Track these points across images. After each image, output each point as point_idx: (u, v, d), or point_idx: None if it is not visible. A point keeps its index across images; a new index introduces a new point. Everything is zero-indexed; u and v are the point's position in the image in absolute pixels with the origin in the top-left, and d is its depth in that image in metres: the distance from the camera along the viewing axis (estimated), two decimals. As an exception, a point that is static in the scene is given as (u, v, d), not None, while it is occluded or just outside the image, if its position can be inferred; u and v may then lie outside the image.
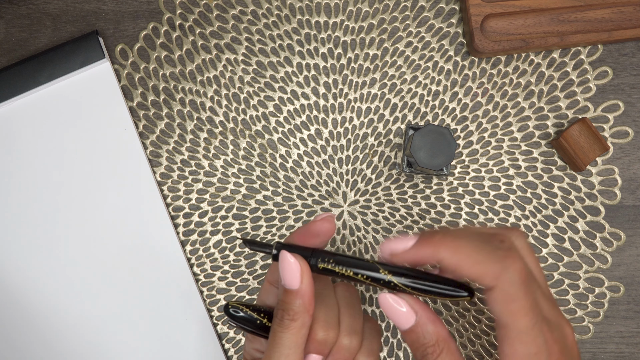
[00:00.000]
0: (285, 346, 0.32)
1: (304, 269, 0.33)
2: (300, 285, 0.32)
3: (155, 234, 0.47)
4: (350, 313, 0.35)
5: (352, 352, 0.34)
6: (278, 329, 0.32)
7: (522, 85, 0.48)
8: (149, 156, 0.48)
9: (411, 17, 0.48)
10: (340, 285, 0.36)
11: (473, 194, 0.48)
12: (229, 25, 0.48)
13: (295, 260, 0.33)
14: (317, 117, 0.48)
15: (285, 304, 0.33)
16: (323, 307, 0.34)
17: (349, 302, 0.35)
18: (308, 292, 0.32)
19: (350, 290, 0.36)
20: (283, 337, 0.32)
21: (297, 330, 0.32)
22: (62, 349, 0.47)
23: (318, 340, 0.33)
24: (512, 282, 0.30)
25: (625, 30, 0.46)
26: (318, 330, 0.33)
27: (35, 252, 0.47)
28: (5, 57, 0.48)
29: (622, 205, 0.47)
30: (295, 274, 0.32)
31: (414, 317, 0.32)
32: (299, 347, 0.32)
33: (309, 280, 0.33)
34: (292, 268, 0.33)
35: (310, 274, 0.33)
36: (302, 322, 0.32)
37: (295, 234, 0.35)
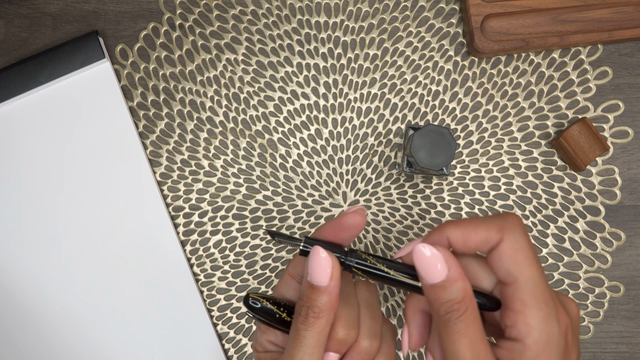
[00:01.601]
0: (309, 345, 0.31)
1: (335, 266, 0.32)
2: (330, 282, 0.32)
3: (155, 234, 0.47)
4: (371, 315, 0.34)
5: (371, 355, 0.34)
6: (302, 327, 0.32)
7: (522, 85, 0.48)
8: (149, 156, 0.48)
9: (411, 17, 0.48)
10: (361, 284, 0.36)
11: (473, 194, 0.48)
12: (229, 25, 0.48)
13: (327, 256, 0.32)
14: (317, 117, 0.48)
15: (310, 301, 0.32)
16: (345, 306, 0.33)
17: (370, 303, 0.35)
18: (336, 290, 0.32)
19: (371, 290, 0.36)
20: (307, 335, 0.31)
21: (322, 328, 0.32)
22: (62, 349, 0.47)
23: (338, 339, 0.33)
24: (516, 234, 0.30)
25: (625, 30, 0.46)
26: (339, 329, 0.32)
27: (35, 252, 0.47)
28: (5, 57, 0.48)
29: (622, 205, 0.47)
30: (326, 271, 0.31)
31: (446, 272, 0.30)
32: (321, 345, 0.32)
33: (337, 279, 0.32)
34: (323, 264, 0.31)
35: (339, 272, 0.32)
36: (327, 320, 0.32)
37: (325, 228, 0.34)
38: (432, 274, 0.30)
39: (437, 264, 0.30)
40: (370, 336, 0.33)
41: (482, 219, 0.31)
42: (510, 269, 0.30)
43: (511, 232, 0.30)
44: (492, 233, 0.30)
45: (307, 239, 0.33)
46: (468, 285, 0.30)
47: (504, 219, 0.31)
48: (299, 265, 0.35)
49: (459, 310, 0.30)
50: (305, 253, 0.33)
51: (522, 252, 0.30)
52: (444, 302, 0.30)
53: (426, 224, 0.48)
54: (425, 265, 0.30)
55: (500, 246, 0.30)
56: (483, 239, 0.30)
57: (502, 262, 0.30)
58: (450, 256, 0.30)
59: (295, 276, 0.36)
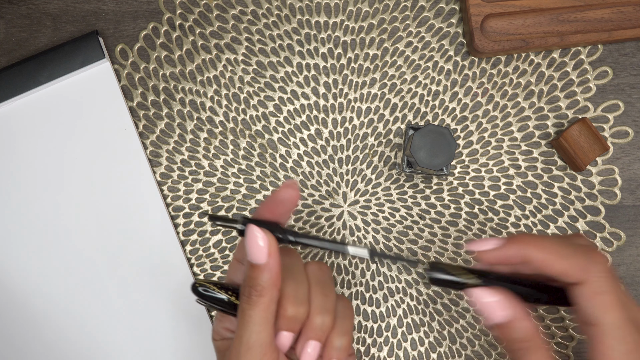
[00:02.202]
0: (254, 323, 0.31)
1: (271, 243, 0.32)
2: (268, 259, 0.32)
3: (155, 234, 0.47)
4: (322, 291, 0.34)
5: (325, 332, 0.33)
6: (246, 307, 0.32)
7: (522, 85, 0.48)
8: (149, 156, 0.48)
9: (411, 17, 0.48)
10: (311, 264, 0.36)
11: (473, 194, 0.48)
12: (229, 25, 0.48)
13: (262, 234, 0.32)
14: (317, 117, 0.48)
15: (251, 280, 0.32)
16: (292, 282, 0.33)
17: (320, 279, 0.35)
18: (275, 266, 0.32)
19: (322, 268, 0.35)
20: (252, 314, 0.31)
21: (266, 306, 0.32)
22: (62, 349, 0.47)
23: (288, 316, 0.32)
24: (600, 275, 0.30)
25: (625, 30, 0.46)
26: (287, 306, 0.32)
27: (35, 252, 0.47)
28: (5, 57, 0.48)
29: (622, 205, 0.47)
30: (262, 248, 0.32)
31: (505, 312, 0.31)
32: (268, 323, 0.32)
33: (276, 254, 0.32)
34: (259, 242, 0.32)
35: (277, 248, 0.32)
36: (270, 297, 0.32)
37: (261, 207, 0.34)
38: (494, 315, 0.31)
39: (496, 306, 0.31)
40: (322, 312, 0.33)
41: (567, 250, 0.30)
42: (593, 312, 0.30)
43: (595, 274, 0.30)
44: (576, 271, 0.30)
45: (243, 219, 0.33)
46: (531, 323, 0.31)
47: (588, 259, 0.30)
48: (243, 248, 0.35)
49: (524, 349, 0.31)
50: (243, 233, 0.33)
51: (607, 296, 0.29)
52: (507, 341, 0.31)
53: (426, 224, 0.48)
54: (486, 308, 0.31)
55: (582, 287, 0.30)
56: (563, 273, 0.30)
57: (584, 302, 0.30)
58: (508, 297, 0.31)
59: (242, 260, 0.36)
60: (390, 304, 0.48)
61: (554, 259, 0.30)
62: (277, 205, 0.34)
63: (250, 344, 0.31)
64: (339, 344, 0.34)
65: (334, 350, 0.34)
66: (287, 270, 0.34)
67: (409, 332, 0.47)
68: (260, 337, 0.31)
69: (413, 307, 0.48)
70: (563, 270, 0.30)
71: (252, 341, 0.31)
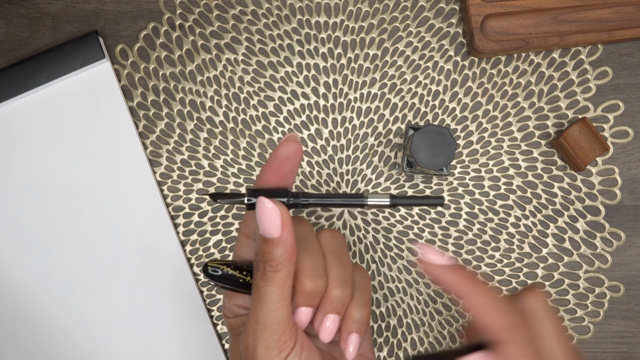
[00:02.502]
0: (271, 300, 0.29)
1: (284, 214, 0.30)
2: (282, 232, 0.30)
3: (155, 234, 0.47)
4: (338, 262, 0.32)
5: (345, 304, 0.32)
6: (261, 283, 0.30)
7: (522, 85, 0.48)
8: (149, 156, 0.48)
9: (411, 17, 0.48)
10: (324, 232, 0.34)
11: (473, 194, 0.48)
12: (229, 25, 0.48)
13: (273, 205, 0.30)
14: (317, 117, 0.48)
15: (265, 255, 0.30)
16: (308, 255, 0.31)
17: (336, 249, 0.33)
18: (290, 239, 0.30)
19: (336, 237, 0.33)
20: (268, 290, 0.29)
21: (282, 281, 0.30)
22: (62, 349, 0.47)
23: (306, 291, 0.31)
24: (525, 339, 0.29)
25: (625, 30, 0.46)
26: (305, 281, 0.30)
27: (35, 252, 0.47)
28: (5, 57, 0.48)
29: (622, 205, 0.47)
30: (275, 221, 0.29)
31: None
32: (286, 299, 0.30)
33: (289, 226, 0.30)
34: (271, 214, 0.29)
35: (290, 219, 0.30)
36: (286, 272, 0.30)
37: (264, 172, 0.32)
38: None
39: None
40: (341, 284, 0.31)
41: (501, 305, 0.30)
42: None
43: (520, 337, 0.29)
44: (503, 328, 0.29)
45: (250, 191, 0.31)
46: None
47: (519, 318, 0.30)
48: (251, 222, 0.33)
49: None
50: (252, 206, 0.31)
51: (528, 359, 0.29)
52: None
53: (426, 224, 0.48)
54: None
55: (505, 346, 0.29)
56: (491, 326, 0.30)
57: None
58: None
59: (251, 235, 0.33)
60: (390, 304, 0.48)
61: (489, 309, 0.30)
62: (280, 164, 0.31)
63: (268, 322, 0.29)
64: (359, 316, 0.32)
65: (354, 322, 0.32)
66: (300, 242, 0.32)
67: (409, 332, 0.47)
68: (278, 314, 0.29)
69: (413, 307, 0.48)
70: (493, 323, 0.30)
71: (269, 319, 0.29)
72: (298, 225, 0.33)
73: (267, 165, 0.31)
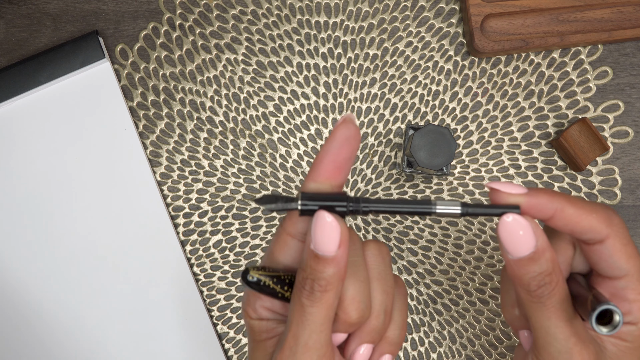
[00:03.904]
0: (316, 322, 0.27)
1: (344, 231, 0.27)
2: (337, 250, 0.27)
3: (155, 234, 0.47)
4: (383, 288, 0.30)
5: (382, 333, 0.30)
6: (307, 303, 0.27)
7: (522, 85, 0.48)
8: (149, 156, 0.48)
9: (411, 17, 0.48)
10: (371, 247, 0.31)
11: (473, 194, 0.48)
12: (229, 25, 0.48)
13: (333, 219, 0.27)
14: (317, 117, 0.48)
15: (315, 273, 0.27)
16: (356, 281, 0.29)
17: (381, 271, 0.30)
18: (344, 258, 0.27)
19: (383, 253, 0.31)
20: (314, 312, 0.27)
21: (330, 303, 0.27)
22: (62, 349, 0.47)
23: (351, 322, 0.28)
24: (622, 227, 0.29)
25: (625, 30, 0.46)
26: (352, 313, 0.28)
27: (35, 252, 0.47)
28: (5, 57, 0.48)
29: (622, 205, 0.47)
30: (334, 238, 0.27)
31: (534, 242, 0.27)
32: (330, 322, 0.28)
33: (346, 245, 0.27)
34: (329, 230, 0.27)
35: (348, 237, 0.27)
36: (335, 293, 0.27)
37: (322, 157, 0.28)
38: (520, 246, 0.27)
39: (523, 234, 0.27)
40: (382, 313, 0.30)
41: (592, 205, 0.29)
42: (621, 264, 0.29)
43: (618, 227, 0.29)
44: (603, 225, 0.29)
45: (304, 195, 0.28)
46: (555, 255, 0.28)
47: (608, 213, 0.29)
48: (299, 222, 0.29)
49: (552, 283, 0.28)
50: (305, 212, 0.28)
51: (631, 247, 0.29)
52: (535, 276, 0.27)
53: (426, 224, 0.48)
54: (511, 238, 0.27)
55: (608, 241, 0.29)
56: (592, 228, 0.29)
57: (613, 257, 0.29)
58: (536, 225, 0.28)
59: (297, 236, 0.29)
60: (390, 304, 0.48)
61: (584, 213, 0.29)
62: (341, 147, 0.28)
63: (310, 344, 0.27)
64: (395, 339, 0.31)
65: (388, 345, 0.31)
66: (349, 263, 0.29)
67: (409, 332, 0.47)
68: (321, 337, 0.27)
69: (413, 307, 0.48)
70: (591, 225, 0.29)
71: (311, 342, 0.27)
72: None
73: (325, 150, 0.28)
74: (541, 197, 0.28)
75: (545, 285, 0.27)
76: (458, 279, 0.47)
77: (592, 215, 0.29)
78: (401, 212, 0.28)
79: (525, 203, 0.28)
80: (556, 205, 0.28)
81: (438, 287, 0.47)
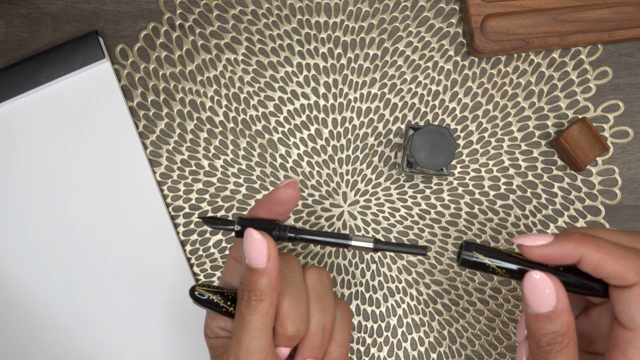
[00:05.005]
0: (254, 329, 0.31)
1: (271, 246, 0.31)
2: (268, 263, 0.31)
3: (155, 234, 0.47)
4: (321, 307, 0.34)
5: (323, 349, 0.33)
6: (246, 311, 0.31)
7: (522, 85, 0.48)
8: (149, 156, 0.48)
9: (411, 17, 0.48)
10: (311, 272, 0.35)
11: (473, 194, 0.48)
12: (229, 25, 0.48)
13: (261, 237, 0.31)
14: (317, 117, 0.48)
15: (251, 284, 0.31)
16: (293, 299, 0.33)
17: (320, 292, 0.34)
18: (275, 270, 0.31)
19: (322, 277, 0.35)
20: (252, 319, 0.31)
21: (266, 311, 0.31)
22: (62, 349, 0.47)
23: (288, 335, 0.32)
24: None
25: (625, 30, 0.46)
26: (288, 326, 0.32)
27: (35, 252, 0.47)
28: (5, 57, 0.48)
29: (622, 205, 0.47)
30: (262, 252, 0.31)
31: (554, 302, 0.29)
32: (268, 328, 0.31)
33: (275, 258, 0.31)
34: (258, 245, 0.31)
35: (276, 251, 0.31)
36: (270, 302, 0.31)
37: (258, 205, 0.33)
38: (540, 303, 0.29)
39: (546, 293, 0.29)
40: (321, 330, 0.33)
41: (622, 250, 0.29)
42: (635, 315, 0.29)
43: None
44: (631, 274, 0.29)
45: (240, 219, 0.32)
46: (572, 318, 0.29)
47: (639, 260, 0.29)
48: (240, 247, 0.35)
49: (562, 344, 0.29)
50: (241, 234, 0.32)
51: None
52: (547, 333, 0.29)
53: (426, 224, 0.48)
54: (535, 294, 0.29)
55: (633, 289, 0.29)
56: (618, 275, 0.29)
57: (630, 306, 0.29)
58: (560, 286, 0.29)
59: (239, 259, 0.35)
60: (390, 304, 0.48)
61: (610, 260, 0.29)
62: (275, 205, 0.33)
63: (250, 349, 0.31)
64: (337, 356, 0.34)
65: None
66: (286, 283, 0.33)
67: (409, 332, 0.47)
68: (260, 342, 0.31)
69: (413, 307, 0.48)
70: (617, 272, 0.29)
71: (252, 347, 0.31)
72: (286, 264, 0.34)
73: (262, 202, 0.33)
74: (566, 245, 0.29)
75: (555, 345, 0.29)
76: (458, 279, 0.47)
77: (620, 261, 0.29)
78: (322, 243, 0.33)
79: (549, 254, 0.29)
80: (582, 252, 0.29)
81: (438, 287, 0.47)
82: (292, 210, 0.33)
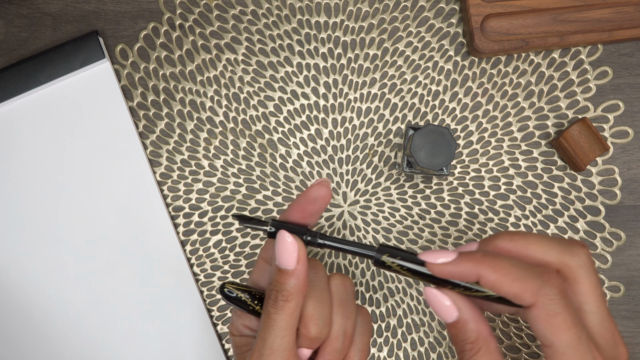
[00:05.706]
0: (280, 328, 0.32)
1: (301, 249, 0.33)
2: (297, 265, 0.32)
3: (155, 234, 0.47)
4: (344, 312, 0.35)
5: (343, 353, 0.34)
6: (272, 310, 0.32)
7: (522, 85, 0.48)
8: (149, 156, 0.48)
9: (411, 17, 0.48)
10: (335, 278, 0.36)
11: (473, 194, 0.48)
12: (229, 25, 0.48)
13: (293, 239, 0.33)
14: (317, 117, 0.48)
15: (279, 284, 0.32)
16: (317, 303, 0.34)
17: (343, 298, 0.35)
18: (303, 273, 0.32)
19: (345, 284, 0.36)
20: (277, 318, 0.32)
21: (292, 311, 0.32)
22: (61, 349, 0.47)
23: (310, 337, 0.33)
24: (551, 297, 0.29)
25: (625, 30, 0.46)
26: (311, 328, 0.33)
27: (35, 252, 0.47)
28: (5, 57, 0.48)
29: (622, 205, 0.47)
30: (292, 254, 0.32)
31: (456, 313, 0.31)
32: (292, 328, 0.32)
33: (304, 261, 0.33)
34: (289, 248, 0.32)
35: (306, 254, 0.33)
36: (296, 303, 0.32)
37: (292, 206, 0.34)
38: (444, 315, 0.32)
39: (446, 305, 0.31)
40: (342, 335, 0.34)
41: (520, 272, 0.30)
42: (545, 334, 0.29)
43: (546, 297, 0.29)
44: (526, 294, 0.29)
45: (273, 222, 0.34)
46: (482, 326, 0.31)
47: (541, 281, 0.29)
48: (270, 248, 0.36)
49: (472, 350, 0.31)
50: (273, 235, 0.34)
51: (558, 318, 0.29)
52: (458, 341, 0.31)
53: (426, 224, 0.48)
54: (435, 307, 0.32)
55: (534, 310, 0.29)
56: (515, 295, 0.30)
57: (536, 325, 0.29)
58: (459, 298, 0.31)
59: (269, 260, 0.36)
60: (390, 304, 0.48)
61: (506, 281, 0.30)
62: (309, 203, 0.34)
63: (274, 347, 0.32)
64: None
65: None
66: (312, 287, 0.34)
67: (409, 332, 0.47)
68: (284, 341, 0.32)
69: (413, 307, 0.48)
70: (514, 293, 0.29)
71: (276, 345, 0.32)
72: (313, 269, 0.35)
73: (296, 202, 0.34)
74: (465, 265, 0.31)
75: (465, 352, 0.31)
76: (458, 279, 0.47)
77: (516, 282, 0.30)
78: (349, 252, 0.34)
79: (448, 272, 0.31)
80: (479, 272, 0.30)
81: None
82: (324, 209, 0.34)
